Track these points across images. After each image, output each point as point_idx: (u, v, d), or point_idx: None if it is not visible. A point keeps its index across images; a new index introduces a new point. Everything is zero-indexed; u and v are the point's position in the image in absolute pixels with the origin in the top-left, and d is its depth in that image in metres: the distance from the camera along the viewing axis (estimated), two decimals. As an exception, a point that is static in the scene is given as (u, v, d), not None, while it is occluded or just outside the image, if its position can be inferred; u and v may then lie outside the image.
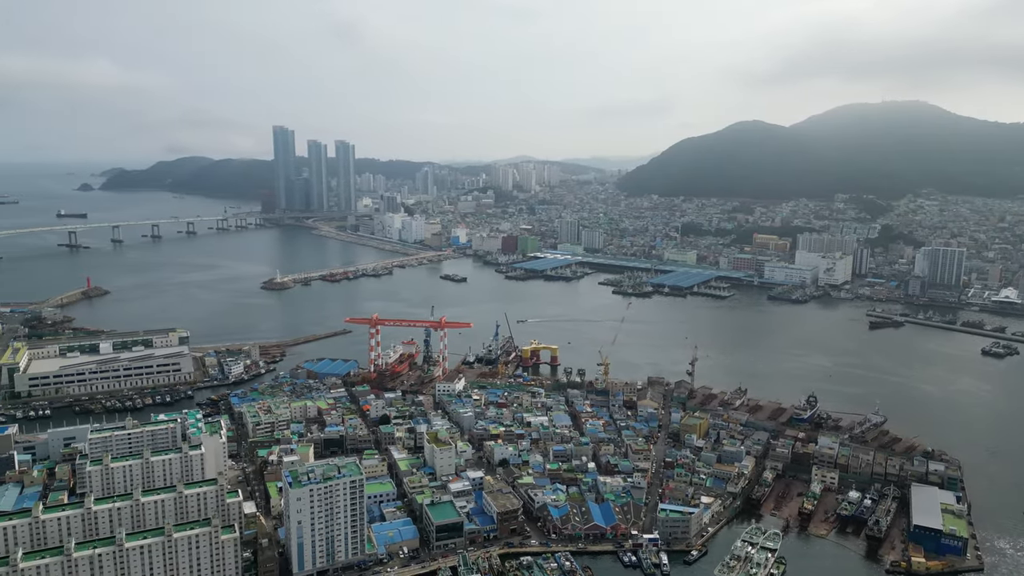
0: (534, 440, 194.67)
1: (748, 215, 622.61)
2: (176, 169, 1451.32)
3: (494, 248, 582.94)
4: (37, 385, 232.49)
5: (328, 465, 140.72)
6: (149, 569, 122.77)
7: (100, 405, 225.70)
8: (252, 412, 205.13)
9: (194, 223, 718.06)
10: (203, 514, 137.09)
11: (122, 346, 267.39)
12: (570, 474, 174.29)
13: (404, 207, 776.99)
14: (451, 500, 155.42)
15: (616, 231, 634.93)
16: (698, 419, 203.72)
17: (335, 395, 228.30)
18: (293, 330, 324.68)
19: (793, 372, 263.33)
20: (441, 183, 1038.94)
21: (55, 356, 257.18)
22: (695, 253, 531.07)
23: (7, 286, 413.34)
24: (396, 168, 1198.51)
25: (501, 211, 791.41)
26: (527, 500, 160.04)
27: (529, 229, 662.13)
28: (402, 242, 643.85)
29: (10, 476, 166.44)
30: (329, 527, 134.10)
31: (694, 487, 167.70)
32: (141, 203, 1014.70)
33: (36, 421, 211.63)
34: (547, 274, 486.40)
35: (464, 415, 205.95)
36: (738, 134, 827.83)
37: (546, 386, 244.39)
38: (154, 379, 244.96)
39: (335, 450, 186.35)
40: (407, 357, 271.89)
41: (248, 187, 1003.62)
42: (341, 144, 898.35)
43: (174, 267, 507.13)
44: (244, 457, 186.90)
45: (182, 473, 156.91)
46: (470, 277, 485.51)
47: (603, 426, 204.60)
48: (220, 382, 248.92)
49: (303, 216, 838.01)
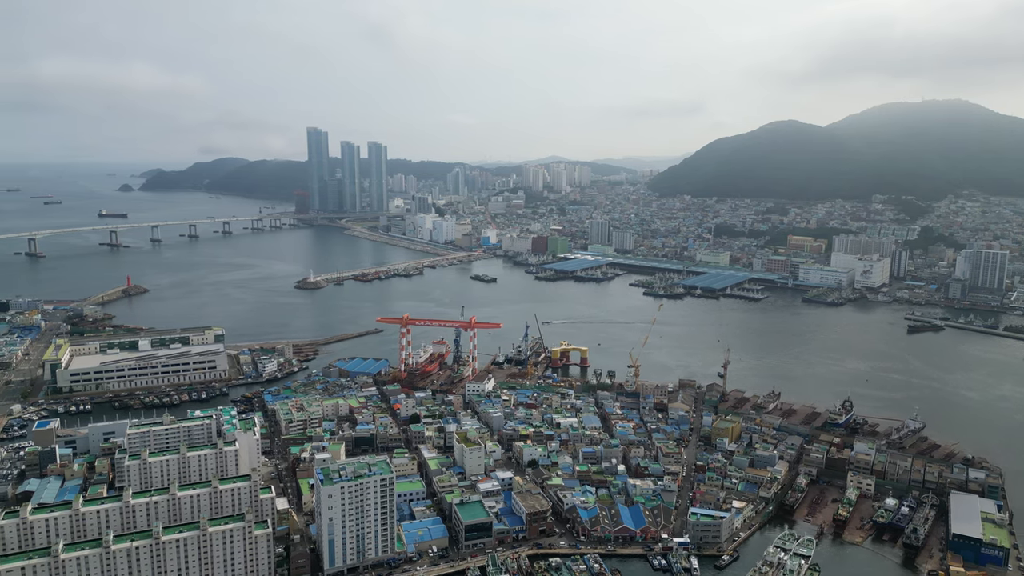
0: (563, 441, 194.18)
1: (782, 216, 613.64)
2: (213, 170, 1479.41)
3: (524, 249, 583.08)
4: (78, 381, 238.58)
5: (359, 463, 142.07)
6: (184, 562, 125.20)
7: (139, 401, 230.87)
8: (285, 410, 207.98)
9: (230, 223, 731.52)
10: (237, 509, 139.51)
11: (160, 343, 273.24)
12: (599, 476, 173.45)
13: (435, 208, 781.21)
14: (480, 500, 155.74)
15: (647, 232, 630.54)
16: (730, 422, 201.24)
17: (366, 394, 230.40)
18: (325, 329, 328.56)
19: (828, 376, 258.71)
20: (472, 184, 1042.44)
21: (96, 353, 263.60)
22: (728, 254, 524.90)
23: (51, 284, 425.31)
24: (427, 169, 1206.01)
25: (531, 212, 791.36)
26: (556, 501, 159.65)
27: (559, 230, 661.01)
28: (433, 242, 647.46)
29: (52, 469, 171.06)
30: (359, 524, 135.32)
31: (726, 491, 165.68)
32: (179, 203, 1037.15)
33: (77, 416, 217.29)
34: (577, 275, 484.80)
35: (493, 415, 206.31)
36: (772, 134, 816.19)
37: (576, 387, 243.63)
38: (190, 376, 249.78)
39: (366, 448, 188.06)
40: (437, 357, 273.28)
41: (282, 188, 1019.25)
42: (373, 145, 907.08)
43: (210, 266, 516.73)
44: (277, 454, 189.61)
45: (217, 468, 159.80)
46: (500, 278, 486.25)
47: (633, 428, 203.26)
48: (254, 380, 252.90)
49: (336, 216, 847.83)
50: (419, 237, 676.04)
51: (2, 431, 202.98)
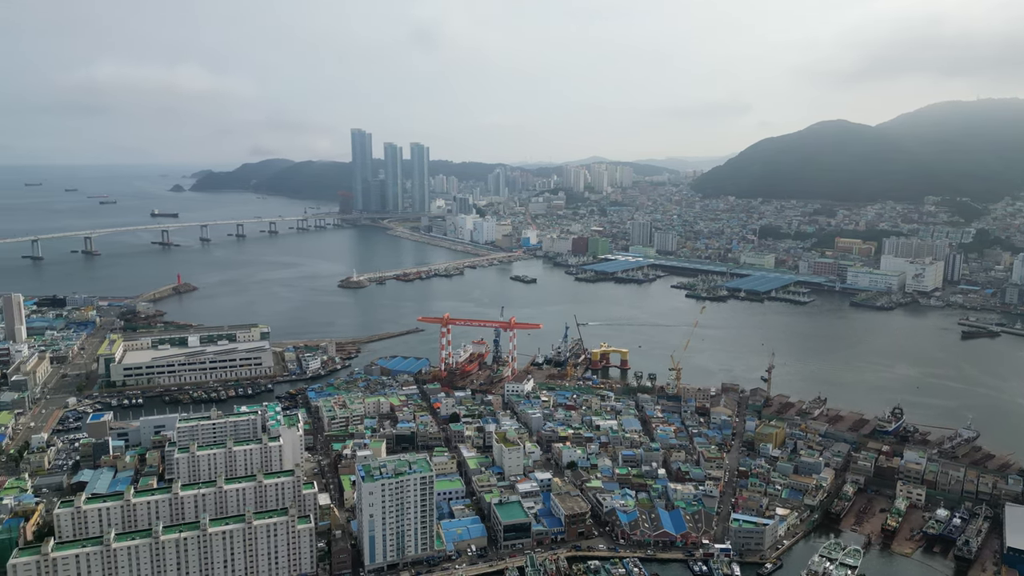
0: (603, 444, 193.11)
1: (830, 218, 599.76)
2: (260, 171, 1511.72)
3: (564, 249, 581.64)
4: (131, 375, 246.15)
5: (400, 461, 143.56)
6: (230, 554, 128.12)
7: (187, 395, 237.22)
8: (328, 406, 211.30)
9: (276, 223, 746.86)
10: (281, 503, 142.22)
11: (208, 340, 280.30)
12: (639, 479, 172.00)
13: (476, 208, 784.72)
14: (519, 500, 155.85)
15: (690, 233, 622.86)
16: (774, 428, 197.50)
17: (407, 392, 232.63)
18: (368, 328, 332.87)
19: (877, 382, 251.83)
20: (512, 184, 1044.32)
21: (147, 348, 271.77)
22: (773, 257, 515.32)
23: (106, 281, 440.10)
24: (469, 170, 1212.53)
25: (572, 212, 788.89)
26: (595, 504, 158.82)
27: (600, 231, 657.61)
28: (473, 243, 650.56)
29: (105, 460, 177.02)
30: (399, 522, 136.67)
31: (769, 498, 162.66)
32: (227, 203, 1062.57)
33: (129, 409, 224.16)
34: (618, 276, 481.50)
35: (532, 416, 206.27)
36: (820, 134, 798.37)
37: (616, 390, 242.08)
38: (237, 372, 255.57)
39: (406, 446, 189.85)
40: (477, 357, 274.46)
41: (327, 188, 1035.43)
42: (416, 146, 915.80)
43: (257, 265, 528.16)
44: (320, 450, 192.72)
45: (262, 463, 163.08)
46: (540, 278, 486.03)
47: (674, 432, 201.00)
48: (298, 376, 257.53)
49: (378, 217, 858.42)
50: (460, 237, 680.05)
51: (58, 423, 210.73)
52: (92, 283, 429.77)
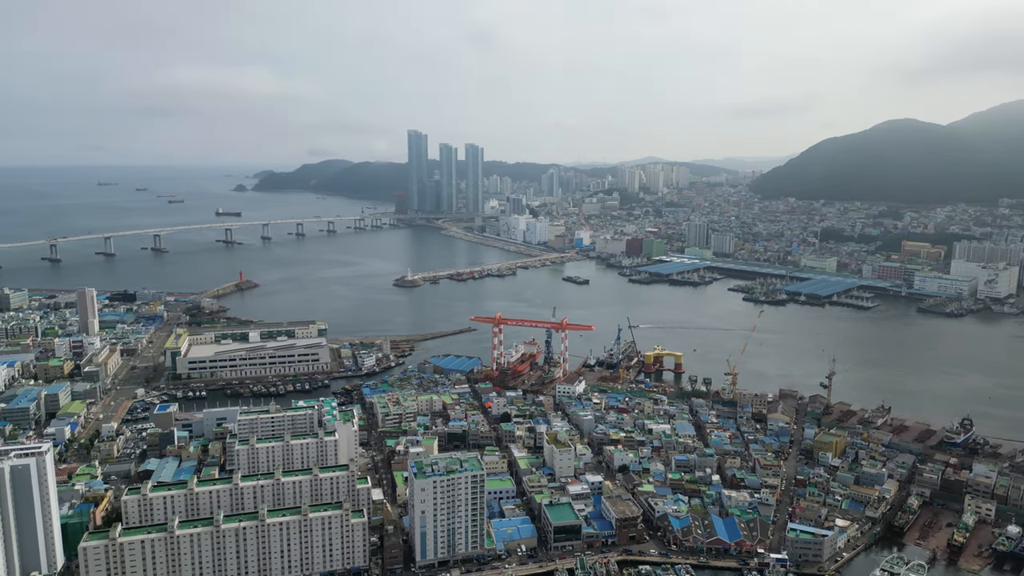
0: (655, 448, 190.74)
1: (896, 220, 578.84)
2: (319, 171, 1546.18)
3: (618, 251, 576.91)
4: (195, 368, 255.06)
5: (451, 458, 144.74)
6: (287, 544, 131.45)
7: (248, 389, 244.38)
8: (382, 403, 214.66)
9: (334, 222, 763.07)
10: (335, 497, 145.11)
11: (268, 335, 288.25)
12: (693, 485, 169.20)
13: (529, 209, 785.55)
14: (569, 502, 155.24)
15: (748, 235, 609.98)
16: (834, 436, 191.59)
17: (459, 391, 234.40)
18: (421, 326, 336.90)
19: (945, 392, 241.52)
20: (566, 185, 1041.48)
21: (211, 343, 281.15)
22: (835, 260, 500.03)
23: (173, 278, 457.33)
24: (523, 170, 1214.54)
25: (626, 213, 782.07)
26: (647, 508, 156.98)
27: (655, 232, 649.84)
28: (526, 243, 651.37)
29: (170, 450, 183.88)
30: (450, 519, 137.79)
31: (828, 508, 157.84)
32: (288, 203, 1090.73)
33: (193, 401, 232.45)
34: (673, 278, 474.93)
35: (584, 418, 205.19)
36: (887, 133, 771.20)
37: (669, 393, 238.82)
38: (295, 367, 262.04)
39: (458, 444, 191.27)
40: (528, 357, 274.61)
41: (384, 189, 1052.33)
42: (471, 147, 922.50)
43: (315, 263, 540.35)
44: (373, 446, 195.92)
45: (318, 457, 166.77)
46: (593, 279, 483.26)
47: (729, 438, 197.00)
48: (354, 373, 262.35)
49: (433, 217, 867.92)
50: (513, 238, 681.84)
51: (127, 413, 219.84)
52: (160, 279, 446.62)
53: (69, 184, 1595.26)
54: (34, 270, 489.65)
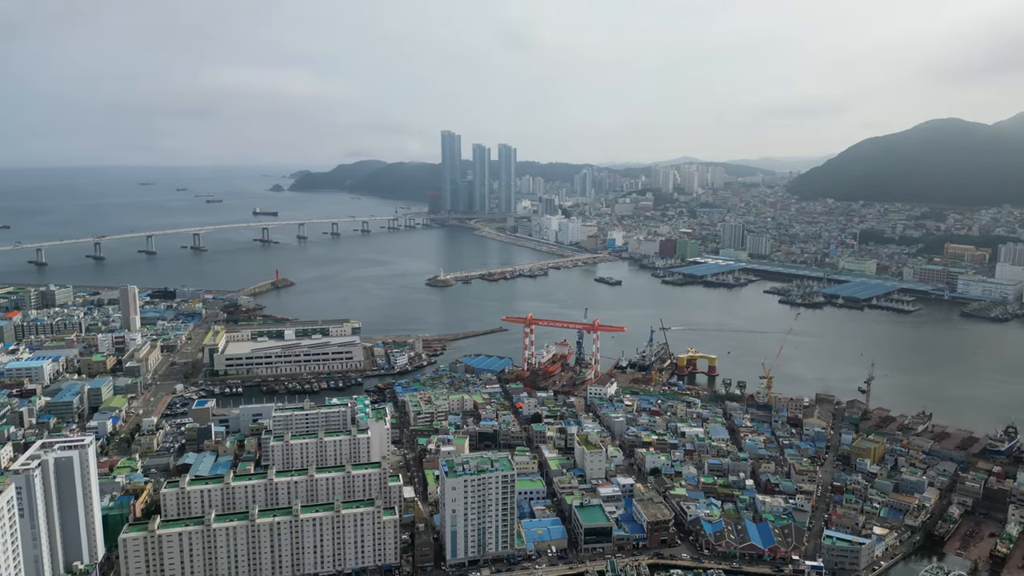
0: (688, 451, 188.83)
1: (939, 222, 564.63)
2: (355, 171, 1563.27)
3: (651, 251, 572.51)
4: (232, 365, 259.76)
5: (482, 458, 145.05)
6: (319, 540, 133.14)
7: (283, 386, 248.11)
8: (414, 402, 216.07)
9: (368, 222, 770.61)
10: (367, 494, 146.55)
11: (303, 333, 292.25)
12: (726, 489, 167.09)
13: (561, 209, 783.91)
14: (600, 504, 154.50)
15: (785, 237, 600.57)
16: (872, 442, 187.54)
17: (490, 391, 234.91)
18: (453, 325, 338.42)
19: (989, 399, 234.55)
20: (599, 185, 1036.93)
21: (248, 340, 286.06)
22: (875, 263, 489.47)
23: (211, 276, 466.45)
24: (555, 170, 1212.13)
25: (660, 214, 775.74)
26: (679, 512, 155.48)
27: (689, 233, 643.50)
28: (558, 244, 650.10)
29: (207, 445, 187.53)
30: (481, 518, 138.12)
31: (865, 516, 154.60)
32: (323, 203, 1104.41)
33: (230, 397, 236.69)
34: (707, 280, 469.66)
35: (615, 420, 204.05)
36: (929, 133, 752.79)
37: (702, 396, 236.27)
38: (329, 365, 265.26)
39: (488, 444, 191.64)
40: (560, 358, 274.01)
41: (418, 189, 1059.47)
42: (503, 148, 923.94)
43: (350, 262, 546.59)
44: (405, 444, 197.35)
45: (350, 454, 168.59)
46: (625, 280, 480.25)
47: (764, 442, 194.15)
48: (386, 371, 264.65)
49: (466, 217, 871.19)
50: (545, 238, 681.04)
51: (166, 408, 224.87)
52: (199, 277, 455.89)
53: (111, 184, 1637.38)
54: (79, 267, 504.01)
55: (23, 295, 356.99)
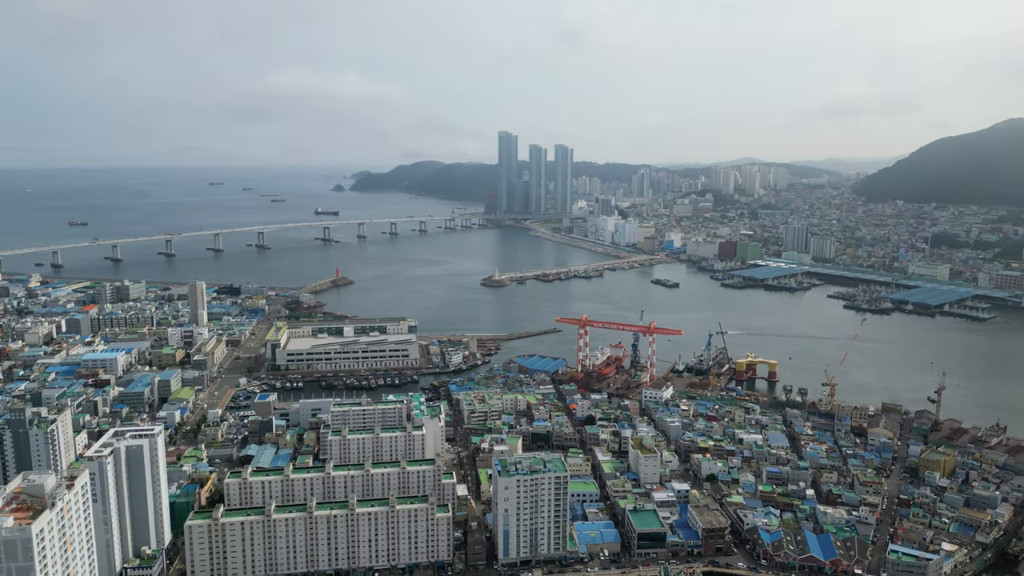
0: (746, 458, 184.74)
1: (1017, 226, 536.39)
2: (413, 172, 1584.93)
3: (710, 254, 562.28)
4: (293, 360, 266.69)
5: (535, 458, 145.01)
6: (374, 534, 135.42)
7: (341, 382, 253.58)
8: (468, 400, 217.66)
9: (425, 222, 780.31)
10: (421, 491, 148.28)
11: (361, 331, 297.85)
12: (785, 498, 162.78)
13: (618, 210, 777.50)
14: (655, 509, 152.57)
15: (851, 240, 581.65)
16: (942, 455, 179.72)
17: (543, 391, 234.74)
18: (508, 325, 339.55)
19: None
20: (657, 186, 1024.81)
21: (308, 336, 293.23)
22: (947, 267, 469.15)
23: (274, 273, 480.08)
24: (612, 171, 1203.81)
25: (720, 215, 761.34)
26: (735, 520, 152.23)
27: (750, 235, 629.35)
28: (614, 245, 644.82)
29: (268, 437, 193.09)
30: (533, 519, 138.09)
31: (933, 531, 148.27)
32: (382, 203, 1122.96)
33: (291, 392, 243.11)
34: (768, 283, 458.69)
35: (671, 424, 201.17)
36: (1008, 132, 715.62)
37: (762, 403, 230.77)
38: (386, 362, 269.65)
39: (542, 445, 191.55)
40: (614, 360, 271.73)
41: (474, 189, 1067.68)
42: (560, 148, 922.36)
43: (407, 262, 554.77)
44: (459, 442, 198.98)
45: (405, 450, 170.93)
46: (683, 283, 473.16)
47: (826, 452, 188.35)
48: (441, 369, 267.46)
49: (521, 217, 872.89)
50: (600, 239, 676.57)
51: (231, 400, 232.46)
52: (263, 274, 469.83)
53: (179, 183, 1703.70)
54: (151, 263, 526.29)
55: (99, 289, 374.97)
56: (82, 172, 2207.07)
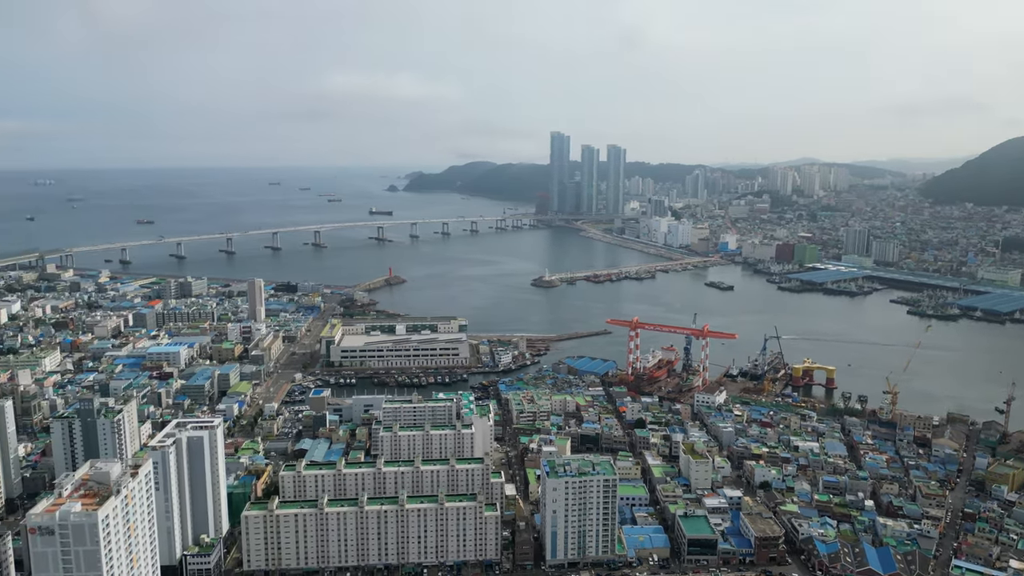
0: (801, 466, 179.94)
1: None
2: (465, 173, 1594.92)
3: (766, 256, 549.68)
4: (347, 357, 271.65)
5: (583, 460, 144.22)
6: (424, 530, 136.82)
7: (393, 379, 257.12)
8: (517, 400, 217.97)
9: (477, 223, 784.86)
10: (470, 489, 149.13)
11: (413, 329, 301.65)
12: (842, 509, 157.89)
13: (671, 211, 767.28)
14: (705, 515, 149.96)
15: (916, 243, 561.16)
16: (1011, 468, 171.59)
17: (593, 393, 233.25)
18: (557, 326, 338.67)
19: None
20: (712, 187, 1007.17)
21: (361, 333, 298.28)
22: (1019, 273, 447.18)
23: (329, 271, 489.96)
24: (666, 171, 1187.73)
25: (777, 217, 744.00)
26: (790, 529, 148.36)
27: (809, 237, 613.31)
28: (667, 246, 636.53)
29: (322, 432, 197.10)
30: (581, 521, 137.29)
31: (1001, 547, 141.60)
32: (435, 203, 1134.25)
33: (344, 388, 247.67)
34: (827, 287, 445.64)
35: (724, 429, 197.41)
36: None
37: (819, 410, 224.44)
38: (436, 361, 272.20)
39: (590, 447, 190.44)
40: (666, 363, 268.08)
41: (526, 190, 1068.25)
42: (613, 148, 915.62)
43: (458, 262, 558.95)
44: (508, 441, 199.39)
45: (455, 448, 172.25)
46: (737, 285, 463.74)
47: (887, 462, 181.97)
48: (491, 369, 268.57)
49: (573, 218, 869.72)
50: (653, 240, 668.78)
51: (286, 395, 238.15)
52: (319, 272, 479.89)
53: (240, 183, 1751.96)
54: (213, 261, 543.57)
55: (164, 285, 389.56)
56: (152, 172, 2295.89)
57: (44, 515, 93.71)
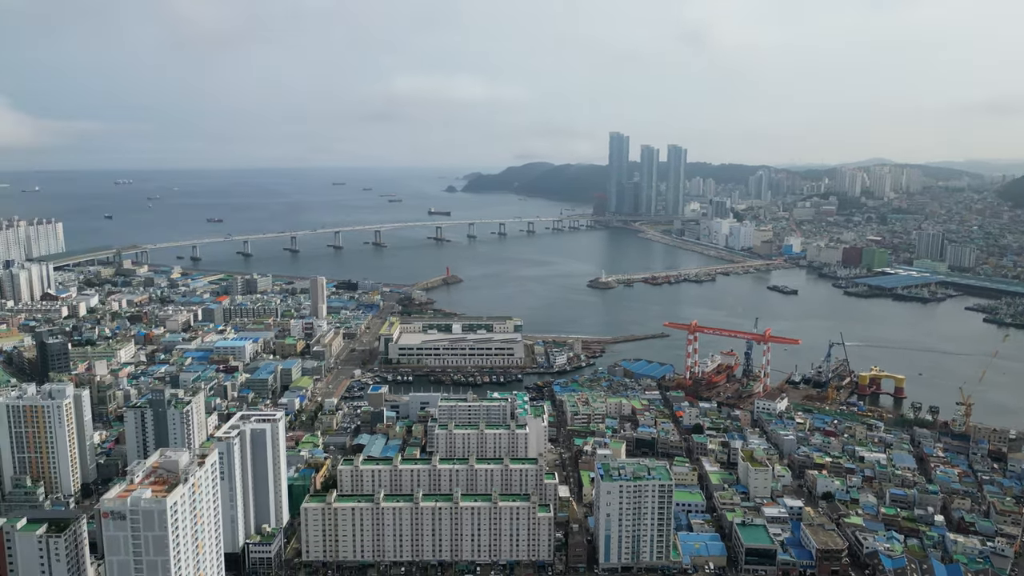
0: (867, 478, 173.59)
1: None
2: (523, 173, 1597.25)
3: (833, 260, 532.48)
4: (404, 354, 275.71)
5: (639, 464, 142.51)
6: (477, 528, 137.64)
7: (449, 377, 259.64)
8: (572, 402, 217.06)
9: (533, 223, 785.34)
10: (523, 489, 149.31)
11: (469, 328, 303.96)
12: (910, 523, 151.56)
13: (733, 212, 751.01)
14: (764, 524, 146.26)
15: (994, 248, 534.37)
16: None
17: (649, 397, 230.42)
18: (613, 328, 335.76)
19: None
20: (776, 188, 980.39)
21: (419, 332, 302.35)
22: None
23: (389, 270, 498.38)
24: (728, 172, 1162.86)
25: (844, 219, 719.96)
26: (854, 542, 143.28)
27: (878, 240, 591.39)
28: (728, 249, 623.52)
29: (379, 428, 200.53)
30: (636, 525, 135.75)
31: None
32: (492, 204, 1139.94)
33: (401, 385, 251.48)
34: (897, 292, 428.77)
35: (785, 437, 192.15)
36: None
37: (886, 420, 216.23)
38: (491, 360, 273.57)
39: (646, 451, 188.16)
40: (725, 368, 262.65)
41: (583, 190, 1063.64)
42: (673, 148, 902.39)
43: (515, 262, 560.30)
44: (561, 443, 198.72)
45: (509, 448, 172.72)
46: (801, 290, 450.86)
47: (959, 476, 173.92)
48: (545, 370, 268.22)
49: (630, 219, 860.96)
50: (714, 242, 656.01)
51: (346, 391, 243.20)
52: (378, 271, 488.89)
53: (305, 184, 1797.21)
54: (277, 258, 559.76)
55: (231, 282, 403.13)
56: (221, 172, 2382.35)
57: (116, 500, 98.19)
